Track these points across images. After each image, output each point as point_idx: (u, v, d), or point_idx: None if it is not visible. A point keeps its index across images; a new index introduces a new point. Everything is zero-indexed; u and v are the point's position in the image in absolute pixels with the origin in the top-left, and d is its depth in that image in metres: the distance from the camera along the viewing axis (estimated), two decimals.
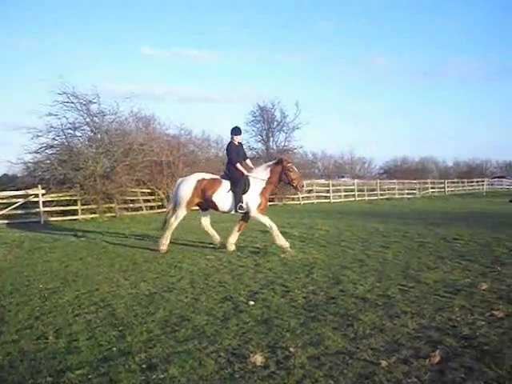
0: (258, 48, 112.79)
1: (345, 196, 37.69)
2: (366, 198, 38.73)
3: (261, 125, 32.90)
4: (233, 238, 10.89)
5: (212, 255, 10.08)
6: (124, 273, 8.56)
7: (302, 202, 32.24)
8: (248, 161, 11.28)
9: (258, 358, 4.39)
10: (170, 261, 9.58)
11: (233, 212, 10.79)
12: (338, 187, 38.46)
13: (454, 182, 50.92)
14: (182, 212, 10.88)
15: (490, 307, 5.83)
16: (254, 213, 10.65)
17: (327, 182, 38.88)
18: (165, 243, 10.82)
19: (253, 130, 33.08)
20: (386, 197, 40.11)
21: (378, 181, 44.45)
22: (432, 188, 47.07)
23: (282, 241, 10.48)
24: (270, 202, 29.78)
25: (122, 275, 8.36)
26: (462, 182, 51.78)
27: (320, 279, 7.66)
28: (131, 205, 22.55)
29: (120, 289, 7.36)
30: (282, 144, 33.06)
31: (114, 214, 21.04)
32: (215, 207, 10.85)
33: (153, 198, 23.81)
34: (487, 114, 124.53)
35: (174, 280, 7.88)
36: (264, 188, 10.77)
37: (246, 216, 10.93)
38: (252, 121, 33.01)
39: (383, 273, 8.02)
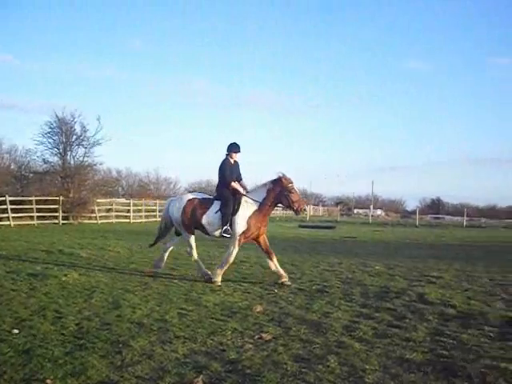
0: (65, 59, 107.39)
1: (146, 216, 37.38)
2: None
3: (58, 137, 31.16)
4: (272, 266, 9.57)
5: None
6: None
7: (100, 222, 31.18)
8: (243, 182, 9.88)
9: None
10: None
11: (218, 234, 9.60)
12: (140, 207, 38.00)
13: None
14: (188, 237, 9.85)
15: (260, 330, 6.02)
16: (235, 237, 9.42)
17: (128, 201, 38.09)
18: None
19: (49, 142, 31.19)
20: None
21: None
22: None
23: (217, 277, 9.37)
24: (64, 220, 28.42)
25: None
26: None
27: (99, 304, 7.31)
28: None
29: None
30: (81, 159, 31.72)
31: None
32: (205, 232, 9.76)
33: None
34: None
35: None
36: (256, 211, 9.45)
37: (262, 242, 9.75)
38: (48, 132, 31.10)
39: (166, 296, 7.93)
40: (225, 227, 9.37)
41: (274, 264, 9.54)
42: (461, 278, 10.21)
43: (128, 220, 34.35)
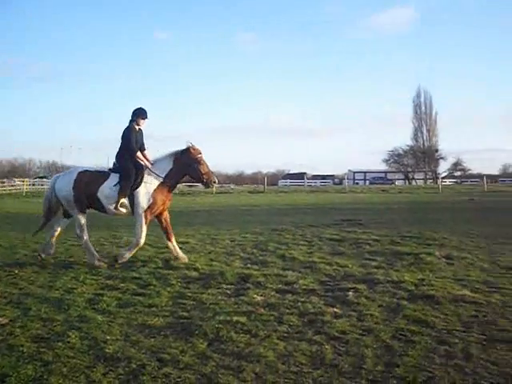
0: None
1: None
2: None
3: None
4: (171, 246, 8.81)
5: None
6: None
7: None
8: (146, 152, 8.84)
9: None
10: None
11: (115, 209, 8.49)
12: None
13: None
14: (80, 217, 8.63)
15: None
16: (139, 214, 8.44)
17: None
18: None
19: None
20: None
21: None
22: None
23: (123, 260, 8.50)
24: None
25: None
26: (2, 182, 50.19)
27: None
28: None
29: None
30: None
31: None
32: (102, 207, 8.58)
33: None
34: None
35: None
36: (161, 184, 8.56)
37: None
38: None
39: None
40: (121, 200, 8.41)
41: (173, 245, 8.85)
42: (205, 242, 10.84)
43: None
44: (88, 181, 8.52)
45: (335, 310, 5.68)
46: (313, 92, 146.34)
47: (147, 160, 8.77)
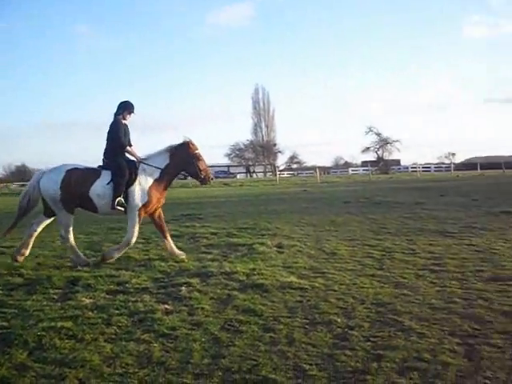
0: None
1: None
2: None
3: None
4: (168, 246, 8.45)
5: None
6: None
7: None
8: (133, 148, 8.37)
9: None
10: None
11: (109, 209, 7.93)
12: None
13: None
14: (67, 217, 8.08)
15: None
16: (132, 212, 7.97)
17: None
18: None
19: None
20: None
21: None
22: None
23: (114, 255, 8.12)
24: None
25: None
26: None
27: None
28: None
29: None
30: None
31: None
32: (93, 207, 8.06)
33: None
34: None
35: None
36: (157, 180, 8.12)
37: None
38: None
39: None
40: (118, 199, 7.82)
41: (169, 243, 8.42)
42: (33, 245, 10.08)
43: None
44: (77, 180, 7.97)
45: (166, 306, 5.66)
46: (157, 87, 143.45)
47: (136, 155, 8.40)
